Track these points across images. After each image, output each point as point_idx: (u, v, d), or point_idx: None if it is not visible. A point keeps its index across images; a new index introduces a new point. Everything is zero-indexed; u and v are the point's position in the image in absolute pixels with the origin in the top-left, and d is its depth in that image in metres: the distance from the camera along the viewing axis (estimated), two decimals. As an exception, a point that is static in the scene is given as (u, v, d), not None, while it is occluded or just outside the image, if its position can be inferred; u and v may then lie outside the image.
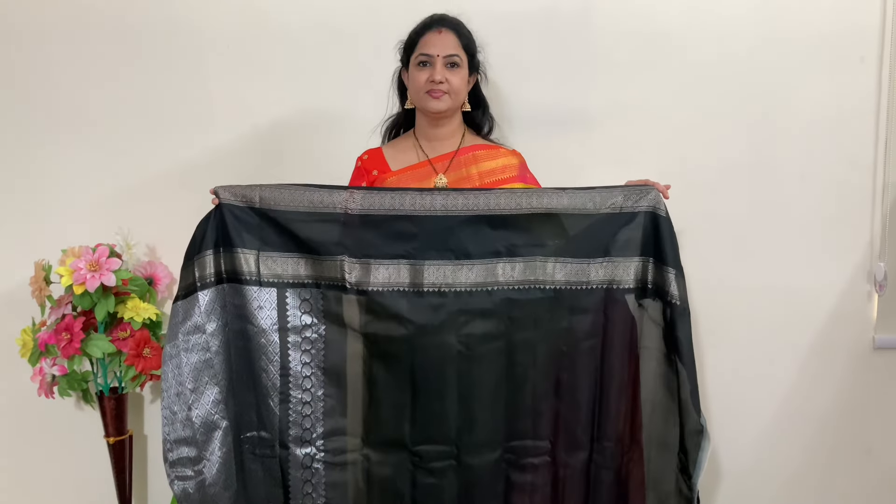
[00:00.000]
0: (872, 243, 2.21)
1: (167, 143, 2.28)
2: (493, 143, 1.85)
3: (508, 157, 1.81)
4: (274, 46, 2.24)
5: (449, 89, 1.72)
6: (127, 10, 2.25)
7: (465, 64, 1.74)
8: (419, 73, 1.73)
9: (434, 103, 1.74)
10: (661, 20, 2.17)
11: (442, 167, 1.76)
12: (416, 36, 1.76)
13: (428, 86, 1.72)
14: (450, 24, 1.75)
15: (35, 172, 2.31)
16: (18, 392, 2.29)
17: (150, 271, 2.25)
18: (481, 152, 1.79)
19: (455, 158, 1.77)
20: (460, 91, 1.75)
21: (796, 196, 2.21)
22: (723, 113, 2.19)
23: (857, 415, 2.28)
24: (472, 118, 1.85)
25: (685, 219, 2.22)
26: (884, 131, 2.18)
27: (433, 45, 1.72)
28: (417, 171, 1.78)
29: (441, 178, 1.75)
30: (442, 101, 1.73)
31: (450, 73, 1.72)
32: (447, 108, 1.75)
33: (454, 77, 1.72)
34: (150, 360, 2.15)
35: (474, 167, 1.76)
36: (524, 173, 1.79)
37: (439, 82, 1.71)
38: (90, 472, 2.36)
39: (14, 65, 2.28)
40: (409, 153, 1.81)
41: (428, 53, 1.71)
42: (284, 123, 2.26)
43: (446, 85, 1.71)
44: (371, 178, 1.80)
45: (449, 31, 1.74)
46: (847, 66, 2.17)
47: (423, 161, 1.79)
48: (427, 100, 1.74)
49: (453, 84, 1.72)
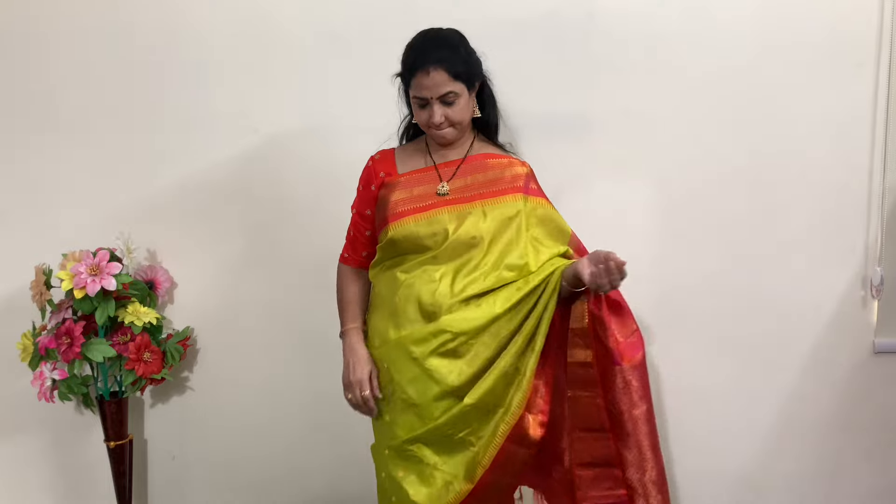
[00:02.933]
0: (871, 248, 2.22)
1: (168, 147, 2.29)
2: (504, 153, 1.83)
3: (517, 167, 1.79)
4: (276, 53, 2.25)
5: (451, 123, 1.71)
6: (129, 15, 2.25)
7: (463, 91, 1.70)
8: (419, 111, 1.72)
9: (440, 138, 1.74)
10: (661, 27, 2.17)
11: (447, 174, 1.76)
12: (407, 73, 1.71)
13: (430, 124, 1.71)
14: (438, 60, 1.65)
15: (36, 176, 2.31)
16: (19, 396, 2.29)
17: (150, 275, 2.26)
18: (491, 161, 1.78)
19: (462, 166, 1.77)
20: (464, 119, 1.73)
21: (795, 201, 2.21)
22: (722, 119, 2.20)
23: (858, 419, 2.28)
24: (481, 121, 1.82)
25: (684, 224, 2.24)
26: (881, 136, 2.19)
27: (425, 88, 1.67)
28: (422, 175, 1.77)
29: (444, 185, 1.75)
30: (447, 135, 1.73)
31: (448, 110, 1.69)
32: (455, 137, 1.75)
33: (453, 111, 1.70)
34: (151, 364, 2.15)
35: (481, 175, 1.75)
36: (529, 183, 1.78)
37: (439, 124, 1.70)
38: (90, 477, 2.36)
39: (16, 69, 2.29)
40: (418, 157, 1.81)
41: (421, 97, 1.69)
42: (286, 129, 2.26)
43: (446, 122, 1.70)
44: (379, 180, 1.80)
45: (437, 69, 1.65)
46: (845, 72, 2.17)
47: (429, 166, 1.78)
48: (433, 135, 1.74)
49: (454, 118, 1.70)
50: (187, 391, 2.37)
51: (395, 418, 1.70)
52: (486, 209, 1.71)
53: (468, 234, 1.68)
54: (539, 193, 1.79)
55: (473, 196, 1.73)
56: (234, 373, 2.35)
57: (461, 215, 1.71)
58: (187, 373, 2.36)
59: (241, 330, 2.35)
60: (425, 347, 1.65)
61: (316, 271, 2.14)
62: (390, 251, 1.75)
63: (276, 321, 2.32)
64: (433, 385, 1.64)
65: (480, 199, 1.73)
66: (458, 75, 1.67)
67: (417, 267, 1.70)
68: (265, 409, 2.36)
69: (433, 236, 1.70)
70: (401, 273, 1.72)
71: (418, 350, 1.65)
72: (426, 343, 1.65)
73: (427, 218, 1.71)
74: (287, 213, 2.29)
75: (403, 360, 1.68)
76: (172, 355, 2.21)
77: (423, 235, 1.70)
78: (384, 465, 1.73)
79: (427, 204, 1.73)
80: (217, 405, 2.36)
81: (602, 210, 2.19)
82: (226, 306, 2.34)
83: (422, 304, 1.66)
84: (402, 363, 1.68)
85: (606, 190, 2.21)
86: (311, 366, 2.29)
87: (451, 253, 1.69)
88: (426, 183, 1.76)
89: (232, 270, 2.33)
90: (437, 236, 1.70)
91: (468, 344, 1.64)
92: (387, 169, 1.80)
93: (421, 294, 1.67)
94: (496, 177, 1.75)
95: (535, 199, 1.76)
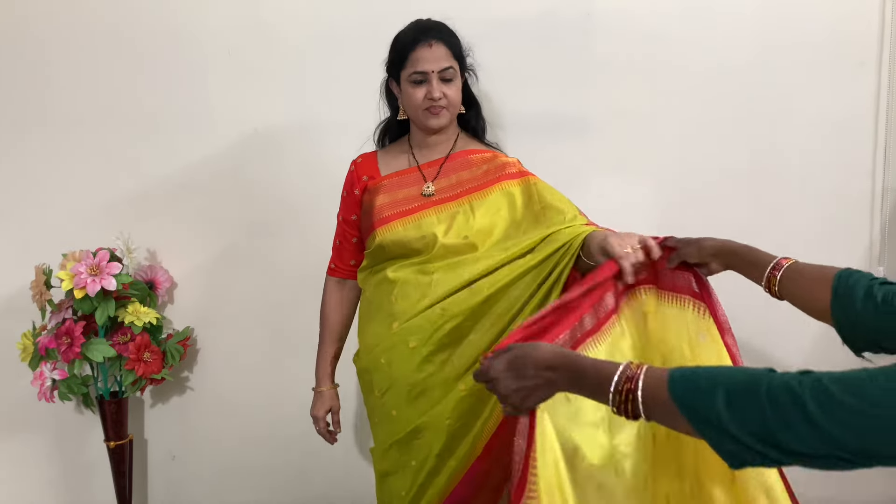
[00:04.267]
0: (872, 247, 2.22)
1: (168, 148, 2.29)
2: (489, 148, 1.81)
3: (502, 158, 1.76)
4: (274, 53, 2.25)
5: (447, 104, 1.69)
6: (129, 16, 2.26)
7: (458, 73, 1.70)
8: (415, 90, 1.69)
9: (434, 120, 1.71)
10: (660, 26, 2.17)
11: (431, 174, 1.74)
12: (404, 50, 1.69)
13: (426, 103, 1.68)
14: (439, 34, 1.68)
15: (36, 176, 2.32)
16: (19, 396, 2.29)
17: (150, 275, 2.26)
18: (475, 156, 1.75)
19: (445, 164, 1.74)
20: (458, 102, 1.72)
21: (796, 201, 2.21)
22: (722, 118, 2.19)
23: (858, 419, 2.27)
24: (464, 119, 1.81)
25: (684, 225, 2.21)
26: (883, 136, 2.18)
27: (426, 61, 1.66)
28: (406, 176, 1.75)
29: (429, 186, 1.73)
30: (442, 117, 1.71)
31: (446, 87, 1.68)
32: (447, 122, 1.73)
33: (451, 90, 1.69)
34: (151, 364, 2.15)
35: (466, 172, 1.73)
36: (521, 169, 1.74)
37: (438, 99, 1.67)
38: (90, 477, 2.36)
39: (16, 69, 2.29)
40: (401, 158, 1.79)
41: (422, 70, 1.66)
42: (284, 130, 2.27)
43: (445, 100, 1.68)
44: (363, 184, 1.78)
45: (439, 44, 1.67)
46: (846, 71, 2.17)
47: (412, 167, 1.76)
48: (427, 116, 1.71)
49: (451, 98, 1.69)
50: (187, 391, 2.37)
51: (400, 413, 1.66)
52: (474, 204, 1.68)
53: (459, 234, 1.65)
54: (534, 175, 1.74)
55: (459, 193, 1.70)
56: (234, 373, 2.35)
57: (449, 215, 1.68)
58: (187, 373, 2.37)
59: (241, 330, 2.35)
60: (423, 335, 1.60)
61: (316, 271, 2.13)
62: (380, 256, 1.72)
63: (275, 321, 2.32)
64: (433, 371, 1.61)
65: (467, 194, 1.69)
66: (457, 55, 1.70)
67: (409, 267, 1.67)
68: (265, 409, 2.36)
69: (422, 239, 1.66)
70: (392, 273, 1.68)
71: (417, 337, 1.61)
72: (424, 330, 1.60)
73: (414, 221, 1.68)
74: (287, 213, 2.29)
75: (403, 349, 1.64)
76: (172, 355, 2.21)
77: (412, 239, 1.67)
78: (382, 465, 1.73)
79: (413, 207, 1.70)
80: (217, 405, 2.37)
81: (601, 210, 2.17)
82: (226, 306, 2.34)
83: (418, 299, 1.63)
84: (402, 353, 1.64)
85: (605, 190, 2.20)
86: (310, 366, 2.28)
87: (443, 255, 1.65)
88: (410, 185, 1.73)
89: (232, 270, 2.33)
90: (425, 239, 1.66)
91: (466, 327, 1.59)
92: (369, 172, 1.78)
93: (416, 291, 1.64)
94: (482, 171, 1.72)
95: (533, 177, 1.71)
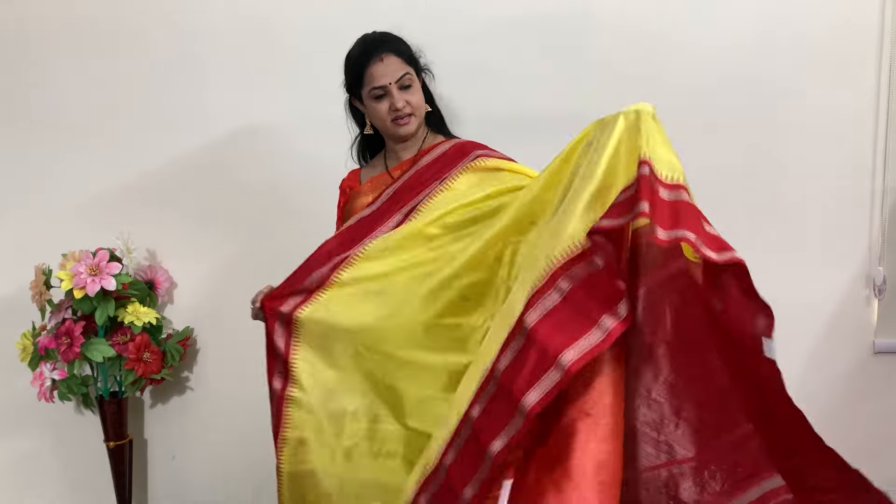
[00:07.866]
0: (872, 247, 2.21)
1: (167, 147, 2.29)
2: (453, 138, 1.82)
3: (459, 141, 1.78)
4: (272, 51, 2.25)
5: (412, 110, 1.74)
6: (126, 13, 2.26)
7: (415, 76, 1.75)
8: (378, 104, 1.73)
9: (403, 128, 1.76)
10: (660, 25, 2.17)
11: (400, 174, 1.77)
12: (358, 69, 1.73)
13: (392, 114, 1.73)
14: (387, 46, 1.73)
15: (35, 176, 2.32)
16: (19, 396, 2.29)
17: (150, 275, 2.26)
18: (437, 148, 1.77)
19: (415, 163, 1.77)
20: (421, 105, 1.77)
21: (796, 200, 2.21)
22: (722, 118, 2.19)
23: (858, 419, 2.27)
24: (429, 117, 1.84)
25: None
26: (883, 135, 2.18)
27: (382, 76, 1.70)
28: (377, 181, 1.81)
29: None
30: (410, 124, 1.75)
31: (407, 95, 1.73)
32: (416, 127, 1.78)
33: (412, 96, 1.74)
34: (151, 364, 2.15)
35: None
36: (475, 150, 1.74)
37: (402, 108, 1.72)
38: (90, 477, 2.36)
39: (14, 68, 2.29)
40: (378, 166, 1.86)
41: (380, 85, 1.71)
42: (283, 128, 2.27)
43: (409, 107, 1.73)
44: (346, 196, 1.86)
45: (390, 55, 1.72)
46: (846, 72, 2.17)
47: (382, 173, 1.82)
48: (395, 127, 1.75)
49: (414, 103, 1.74)
50: (187, 391, 2.37)
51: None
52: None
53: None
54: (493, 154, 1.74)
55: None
56: (234, 373, 2.34)
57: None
58: (187, 373, 2.36)
59: (241, 330, 2.32)
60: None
61: (315, 271, 2.14)
62: None
63: (275, 321, 2.32)
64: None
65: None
66: (409, 59, 1.75)
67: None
68: (265, 408, 2.34)
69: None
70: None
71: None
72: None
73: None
74: (287, 213, 2.29)
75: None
76: (172, 355, 2.21)
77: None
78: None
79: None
80: (217, 405, 2.36)
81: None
82: (226, 306, 2.33)
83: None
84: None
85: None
86: (310, 366, 2.29)
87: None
88: (381, 187, 1.77)
89: (232, 270, 2.32)
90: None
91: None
92: (352, 184, 1.87)
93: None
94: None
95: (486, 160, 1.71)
